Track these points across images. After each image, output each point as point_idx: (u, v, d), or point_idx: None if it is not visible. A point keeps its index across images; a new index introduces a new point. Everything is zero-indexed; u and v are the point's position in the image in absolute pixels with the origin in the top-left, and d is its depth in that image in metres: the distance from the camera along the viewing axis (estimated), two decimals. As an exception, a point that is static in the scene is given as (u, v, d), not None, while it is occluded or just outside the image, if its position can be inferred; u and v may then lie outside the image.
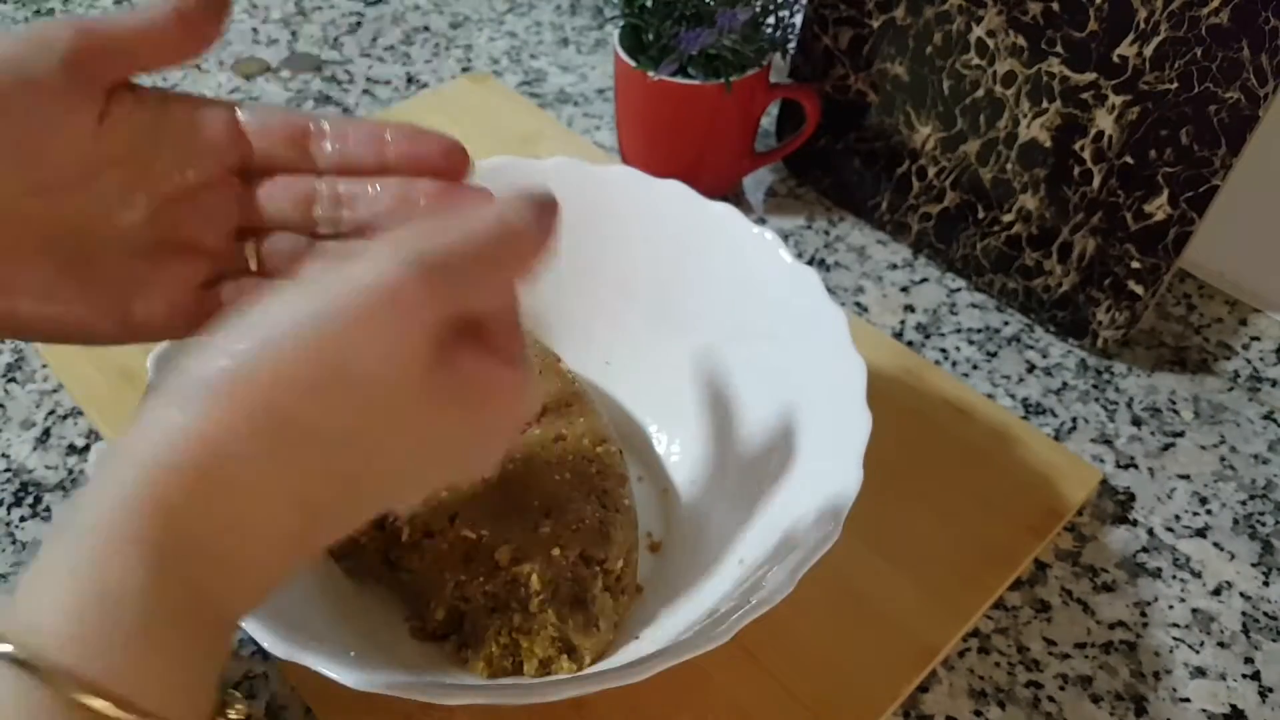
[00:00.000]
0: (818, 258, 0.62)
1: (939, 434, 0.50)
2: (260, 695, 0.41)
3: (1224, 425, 0.53)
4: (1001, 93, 0.55)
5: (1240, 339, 0.58)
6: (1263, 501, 0.50)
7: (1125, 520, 0.49)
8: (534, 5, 0.81)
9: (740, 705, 0.40)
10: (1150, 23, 0.49)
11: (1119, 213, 0.53)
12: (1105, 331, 0.55)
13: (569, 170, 0.48)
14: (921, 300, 0.59)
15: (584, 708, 0.39)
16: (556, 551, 0.39)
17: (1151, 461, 0.51)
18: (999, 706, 0.42)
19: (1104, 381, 0.55)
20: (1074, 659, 0.43)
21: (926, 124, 0.59)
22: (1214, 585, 0.46)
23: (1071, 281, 0.56)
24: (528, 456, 0.42)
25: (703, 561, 0.42)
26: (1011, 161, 0.56)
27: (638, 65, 0.57)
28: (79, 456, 0.49)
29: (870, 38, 0.59)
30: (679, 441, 0.48)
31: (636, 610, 0.42)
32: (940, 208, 0.60)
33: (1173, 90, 0.49)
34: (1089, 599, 0.46)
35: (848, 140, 0.63)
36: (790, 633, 0.41)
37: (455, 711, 0.39)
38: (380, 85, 0.73)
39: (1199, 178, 0.50)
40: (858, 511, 0.36)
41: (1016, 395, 0.54)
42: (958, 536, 0.46)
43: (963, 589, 0.44)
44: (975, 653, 0.44)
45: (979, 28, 0.54)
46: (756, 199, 0.66)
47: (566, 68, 0.75)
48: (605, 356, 0.50)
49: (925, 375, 0.53)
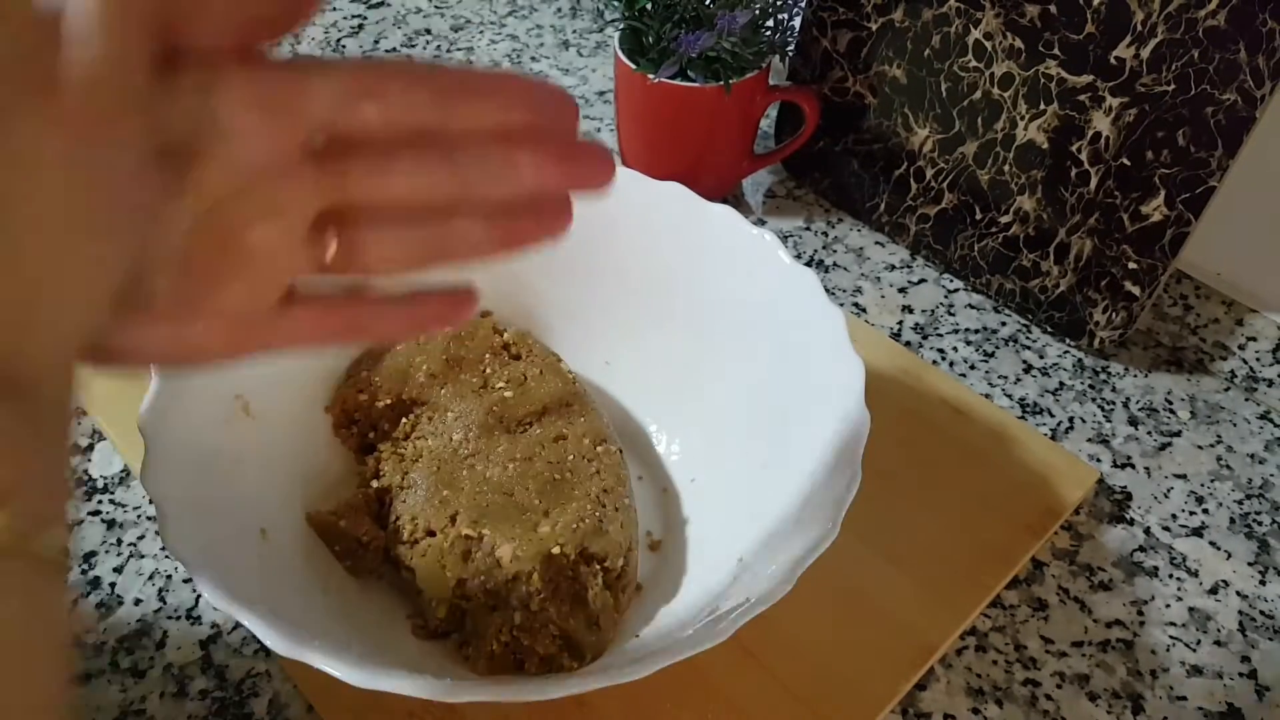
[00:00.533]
0: (816, 259, 0.62)
1: (937, 434, 0.51)
2: (262, 693, 0.41)
3: (1220, 425, 0.54)
4: (999, 95, 0.55)
5: (1237, 339, 0.58)
6: (1259, 501, 0.50)
7: (1122, 519, 0.49)
8: (535, 8, 0.82)
9: (739, 703, 0.41)
10: (1147, 25, 0.49)
11: (1116, 214, 0.53)
12: (1102, 332, 0.56)
13: (569, 172, 0.48)
14: (919, 301, 0.59)
15: (585, 705, 0.40)
16: (557, 550, 0.39)
17: (1148, 461, 0.52)
18: (996, 705, 0.42)
19: (1101, 381, 0.56)
20: (1071, 657, 0.44)
21: (924, 126, 0.59)
22: (1210, 584, 0.47)
23: (1069, 282, 0.56)
24: (528, 456, 0.43)
25: (702, 560, 0.43)
26: (1009, 163, 0.56)
27: (638, 68, 0.57)
28: (82, 456, 0.49)
29: (869, 40, 0.60)
30: (679, 441, 0.48)
31: (636, 608, 0.42)
32: (938, 209, 0.60)
33: (1170, 92, 0.49)
34: (1086, 598, 0.46)
35: (846, 142, 0.63)
36: (789, 631, 0.42)
37: (457, 709, 0.39)
38: (381, 87, 0.73)
39: (1196, 179, 0.50)
40: (856, 511, 0.36)
41: (1014, 395, 0.55)
42: (955, 535, 0.46)
43: (960, 588, 0.45)
44: (973, 651, 0.44)
45: (977, 30, 0.55)
46: (755, 200, 0.66)
47: (567, 70, 0.76)
48: (605, 356, 0.50)
49: (923, 375, 0.53)
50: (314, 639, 0.32)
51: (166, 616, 0.43)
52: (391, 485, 0.43)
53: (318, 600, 0.39)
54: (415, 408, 0.46)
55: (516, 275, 0.49)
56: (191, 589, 0.44)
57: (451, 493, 0.41)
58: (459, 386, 0.46)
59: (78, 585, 0.44)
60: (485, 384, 0.46)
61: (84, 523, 0.47)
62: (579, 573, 0.39)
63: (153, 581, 0.45)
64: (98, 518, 0.47)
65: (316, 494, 0.43)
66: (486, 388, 0.46)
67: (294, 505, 0.42)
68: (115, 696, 0.41)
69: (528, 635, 0.38)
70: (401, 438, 0.45)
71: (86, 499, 0.47)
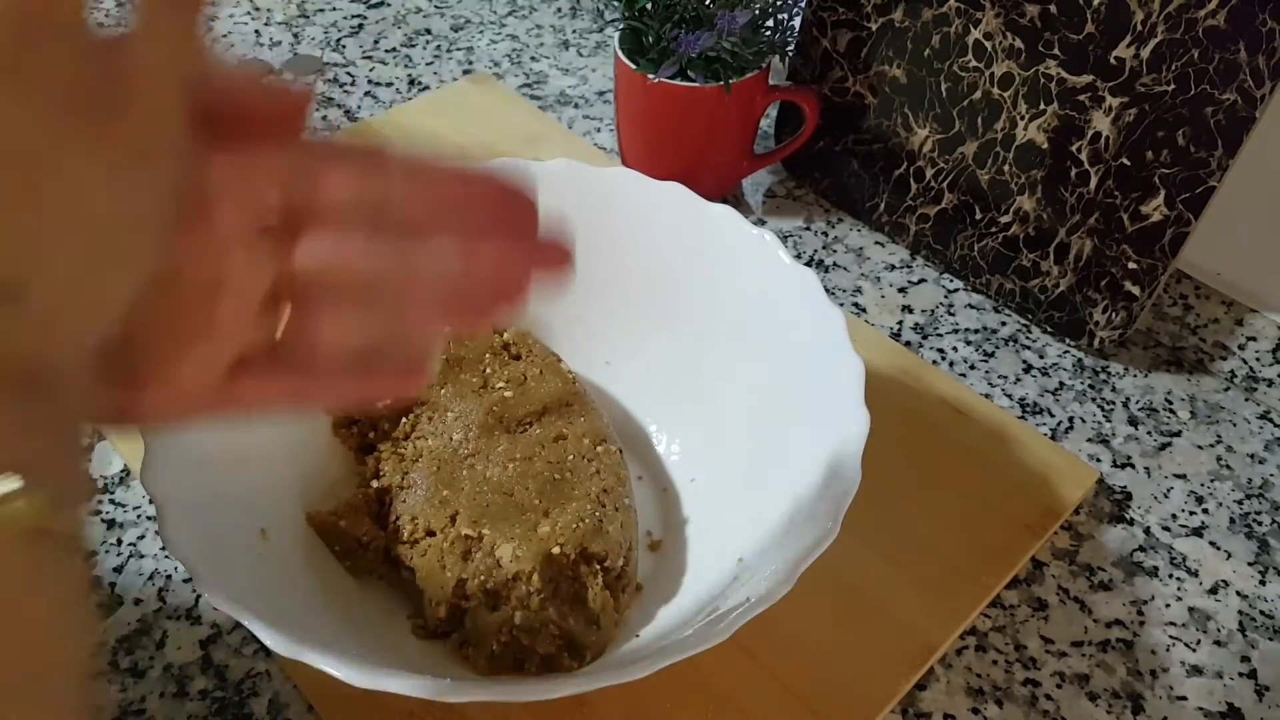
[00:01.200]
0: (816, 259, 0.62)
1: (936, 434, 0.51)
2: (263, 693, 0.41)
3: (1220, 425, 0.54)
4: (999, 95, 0.55)
5: (1236, 339, 0.58)
6: (1259, 501, 0.50)
7: (1122, 519, 0.49)
8: (535, 8, 0.82)
9: (739, 702, 0.41)
10: (1147, 25, 0.49)
11: (1116, 214, 0.53)
12: (1102, 332, 0.56)
13: (570, 172, 0.48)
14: (919, 301, 0.60)
15: (585, 705, 0.40)
16: (557, 550, 0.39)
17: (1148, 461, 0.52)
18: (996, 705, 0.42)
19: (1101, 381, 0.56)
20: (1071, 657, 0.44)
21: (924, 126, 0.59)
22: (1210, 584, 0.47)
23: (1068, 282, 0.56)
24: (528, 456, 0.43)
25: (702, 560, 0.43)
26: (1009, 163, 0.56)
27: (638, 68, 0.57)
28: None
29: (869, 40, 0.60)
30: (679, 441, 0.48)
31: (636, 608, 0.42)
32: (938, 209, 0.60)
33: (1170, 92, 0.49)
34: (1086, 598, 0.46)
35: (846, 142, 0.63)
36: (789, 631, 0.42)
37: (457, 709, 0.39)
38: (382, 87, 0.73)
39: (1196, 179, 0.50)
40: (856, 510, 0.36)
41: (1014, 395, 0.55)
42: (955, 535, 0.46)
43: (960, 587, 0.45)
44: (973, 651, 0.44)
45: (977, 30, 0.55)
46: (755, 200, 0.66)
47: (567, 70, 0.76)
48: (605, 356, 0.50)
49: (923, 375, 0.54)
50: (314, 639, 0.32)
51: (166, 616, 0.43)
52: (391, 485, 0.43)
53: (318, 600, 0.39)
54: (415, 407, 0.46)
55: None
56: (191, 589, 0.44)
57: (451, 493, 0.41)
58: (459, 386, 0.46)
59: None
60: (485, 384, 0.46)
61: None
62: (579, 573, 0.39)
63: (153, 581, 0.45)
64: (98, 518, 0.47)
65: (316, 494, 0.43)
66: (486, 387, 0.46)
67: (294, 505, 0.42)
68: (115, 696, 0.41)
69: (528, 635, 0.38)
70: (401, 438, 0.45)
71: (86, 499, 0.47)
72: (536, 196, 0.26)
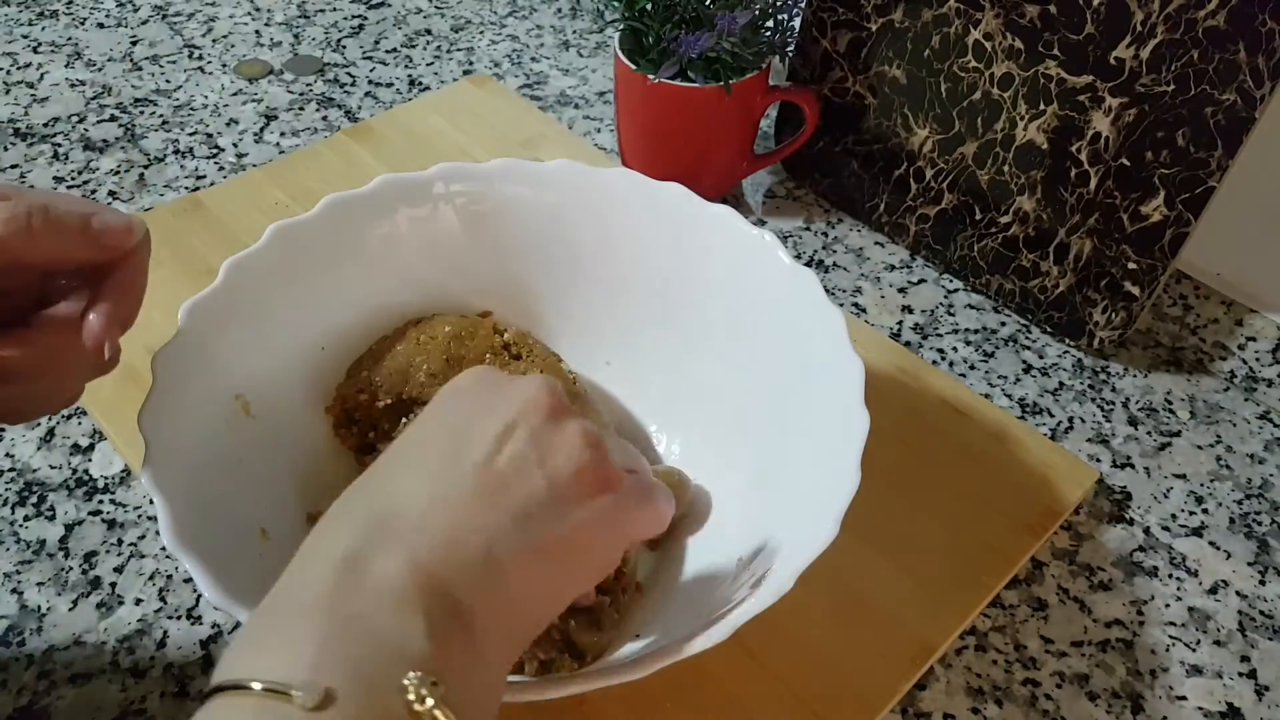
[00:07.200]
0: (816, 259, 0.62)
1: (936, 434, 0.51)
2: (263, 693, 0.41)
3: (1220, 425, 0.54)
4: (999, 95, 0.55)
5: (1236, 339, 0.58)
6: (1259, 501, 0.50)
7: (1122, 519, 0.49)
8: (535, 8, 0.82)
9: (739, 702, 0.41)
10: (1147, 25, 0.49)
11: (1115, 214, 0.53)
12: (1102, 332, 0.56)
13: (570, 173, 0.48)
14: (919, 301, 0.60)
15: (585, 705, 0.40)
16: (557, 550, 0.39)
17: (1148, 461, 0.52)
18: (996, 704, 0.42)
19: (1100, 381, 0.56)
20: (1071, 657, 0.44)
21: (924, 126, 0.59)
22: (1210, 584, 0.47)
23: (1068, 282, 0.56)
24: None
25: (702, 560, 0.43)
26: (1009, 163, 0.56)
27: (638, 68, 0.57)
28: (83, 456, 0.49)
29: (869, 41, 0.60)
30: (679, 441, 0.48)
31: (636, 609, 0.42)
32: (938, 209, 0.60)
33: (1169, 92, 0.49)
34: (1086, 597, 0.46)
35: (846, 142, 0.63)
36: (789, 631, 0.42)
37: (457, 709, 0.39)
38: (382, 87, 0.73)
39: (1195, 179, 0.50)
40: (856, 510, 0.36)
41: (1013, 395, 0.55)
42: (955, 535, 0.46)
43: (960, 587, 0.45)
44: (973, 651, 0.44)
45: (976, 30, 0.55)
46: (755, 201, 0.66)
47: (567, 71, 0.76)
48: (605, 356, 0.50)
49: (923, 375, 0.54)
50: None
51: (166, 616, 0.43)
52: (392, 485, 0.43)
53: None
54: (415, 407, 0.45)
55: (517, 276, 0.49)
56: (191, 589, 0.44)
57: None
58: (459, 386, 0.46)
59: (77, 585, 0.44)
60: (485, 384, 0.46)
61: (84, 523, 0.47)
62: (579, 573, 0.39)
63: (153, 581, 0.45)
64: (98, 518, 0.47)
65: (316, 494, 0.43)
66: (486, 388, 0.46)
67: (294, 505, 0.42)
68: (115, 696, 0.41)
69: (528, 635, 0.38)
70: (401, 438, 0.45)
71: (86, 499, 0.47)
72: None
